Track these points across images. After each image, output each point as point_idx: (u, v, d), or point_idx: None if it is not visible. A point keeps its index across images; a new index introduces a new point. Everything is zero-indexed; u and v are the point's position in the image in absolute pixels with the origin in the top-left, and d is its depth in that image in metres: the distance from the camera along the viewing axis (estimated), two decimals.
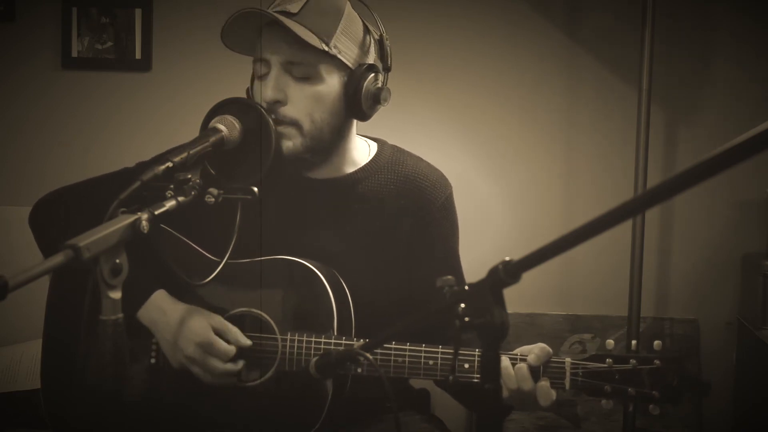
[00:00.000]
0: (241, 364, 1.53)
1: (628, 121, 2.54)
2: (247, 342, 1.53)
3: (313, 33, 1.51)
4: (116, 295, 1.10)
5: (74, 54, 2.77)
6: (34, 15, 2.79)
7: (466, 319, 0.98)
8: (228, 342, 1.52)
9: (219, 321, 1.54)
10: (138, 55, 2.76)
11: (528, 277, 0.93)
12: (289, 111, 1.54)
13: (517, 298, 2.42)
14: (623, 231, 2.43)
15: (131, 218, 1.16)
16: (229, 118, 1.45)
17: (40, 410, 1.65)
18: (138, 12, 2.75)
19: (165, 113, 2.75)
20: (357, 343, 1.51)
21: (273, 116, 1.52)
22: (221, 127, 1.43)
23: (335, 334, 1.52)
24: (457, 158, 2.68)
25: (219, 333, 1.52)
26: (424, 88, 2.71)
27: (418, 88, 2.71)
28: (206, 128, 1.45)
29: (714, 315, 2.66)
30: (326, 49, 1.52)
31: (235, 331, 1.53)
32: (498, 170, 2.72)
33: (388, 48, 1.61)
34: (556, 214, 2.70)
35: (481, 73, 2.70)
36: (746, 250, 2.63)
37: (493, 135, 2.72)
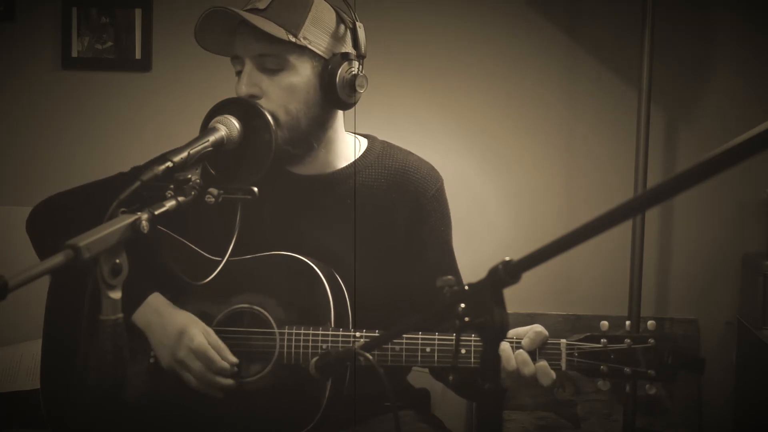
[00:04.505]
0: (230, 381, 1.53)
1: (628, 121, 2.54)
2: (234, 360, 1.53)
3: (280, 26, 1.53)
4: (116, 295, 1.10)
5: (74, 54, 2.78)
6: (34, 15, 2.79)
7: (466, 319, 0.98)
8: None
9: (213, 336, 1.54)
10: (138, 55, 2.76)
11: (528, 277, 0.93)
12: (264, 104, 1.55)
13: (517, 298, 2.41)
14: (623, 231, 2.43)
15: (131, 218, 1.16)
16: (229, 118, 1.46)
17: (40, 410, 1.64)
18: (138, 12, 2.75)
19: (165, 113, 2.75)
20: (354, 334, 1.51)
21: None
22: (221, 127, 1.44)
23: (332, 326, 1.53)
24: (457, 158, 2.68)
25: (212, 347, 1.53)
26: (423, 88, 2.71)
27: (417, 87, 2.71)
28: (206, 128, 1.46)
29: (714, 315, 2.66)
30: (294, 40, 1.54)
31: (225, 349, 1.53)
32: (498, 170, 2.72)
33: (362, 35, 1.62)
34: (556, 214, 2.70)
35: (480, 73, 2.70)
36: (746, 250, 2.63)
37: (493, 135, 2.72)
